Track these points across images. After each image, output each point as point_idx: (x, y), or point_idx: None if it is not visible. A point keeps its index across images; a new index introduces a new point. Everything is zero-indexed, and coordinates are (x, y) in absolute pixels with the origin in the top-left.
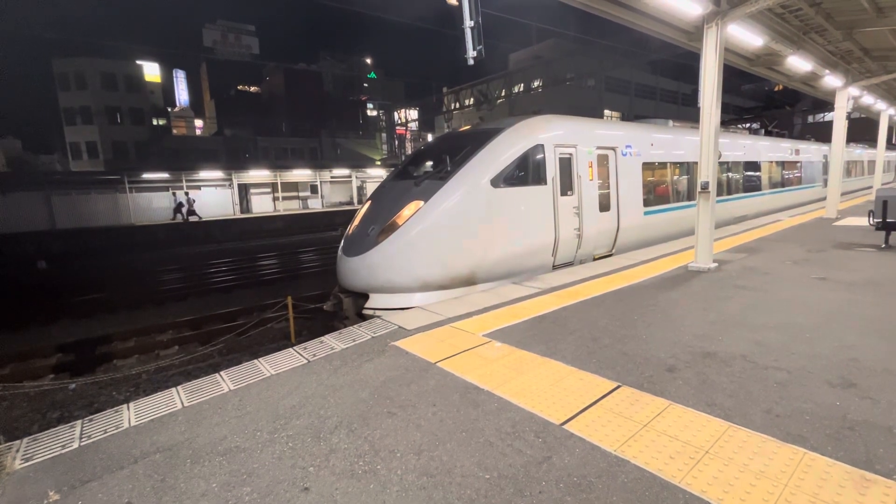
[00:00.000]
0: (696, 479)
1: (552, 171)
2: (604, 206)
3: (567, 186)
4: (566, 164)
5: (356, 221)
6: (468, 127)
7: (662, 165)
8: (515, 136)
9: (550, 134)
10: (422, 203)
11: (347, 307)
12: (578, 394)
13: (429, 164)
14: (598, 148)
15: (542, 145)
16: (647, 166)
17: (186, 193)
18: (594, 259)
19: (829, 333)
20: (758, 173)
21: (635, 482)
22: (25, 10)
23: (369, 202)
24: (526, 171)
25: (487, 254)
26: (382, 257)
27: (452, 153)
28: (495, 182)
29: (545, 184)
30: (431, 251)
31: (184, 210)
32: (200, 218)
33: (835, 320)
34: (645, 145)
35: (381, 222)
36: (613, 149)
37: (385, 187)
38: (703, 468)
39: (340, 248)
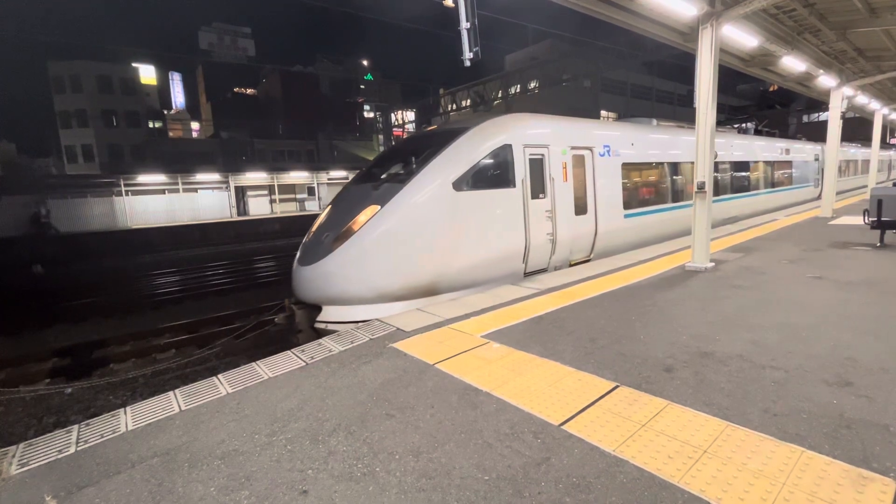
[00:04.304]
0: (694, 479)
1: (521, 172)
2: (580, 209)
3: (539, 189)
4: (537, 166)
5: (313, 228)
6: (434, 127)
7: (645, 166)
8: (480, 136)
9: (519, 133)
10: (378, 207)
11: (301, 320)
12: (577, 394)
13: (395, 166)
14: (573, 148)
15: (510, 145)
16: (628, 167)
17: (41, 201)
18: (570, 265)
19: (825, 332)
20: (747, 173)
21: (634, 482)
22: (21, 12)
23: (329, 207)
24: (492, 173)
25: (450, 261)
26: (336, 266)
27: (417, 154)
28: (458, 185)
29: (513, 186)
30: (388, 259)
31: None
32: (50, 231)
33: (831, 319)
34: (625, 145)
35: (336, 229)
36: (590, 149)
37: (347, 191)
38: (702, 467)
39: (296, 257)
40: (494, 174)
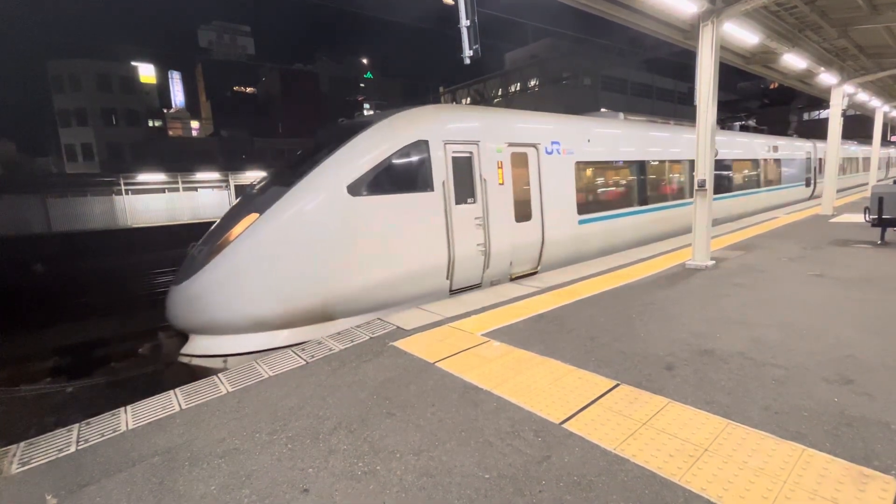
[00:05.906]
0: (695, 477)
1: (441, 173)
2: (522, 215)
3: (466, 192)
4: (464, 166)
5: (199, 242)
6: (344, 120)
7: (605, 165)
8: (388, 131)
9: (438, 128)
10: (257, 216)
11: (168, 351)
12: (577, 393)
13: (298, 166)
14: (512, 145)
15: (426, 142)
16: (584, 167)
17: None
18: (511, 279)
19: (825, 330)
20: (729, 173)
21: (635, 480)
22: (20, 11)
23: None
24: (402, 175)
25: (347, 280)
26: (203, 287)
27: (318, 152)
28: (355, 189)
29: (431, 190)
30: (264, 278)
31: None
32: None
33: (831, 317)
34: (579, 142)
35: (213, 241)
36: (534, 146)
37: (243, 196)
38: (703, 466)
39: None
40: (405, 176)
